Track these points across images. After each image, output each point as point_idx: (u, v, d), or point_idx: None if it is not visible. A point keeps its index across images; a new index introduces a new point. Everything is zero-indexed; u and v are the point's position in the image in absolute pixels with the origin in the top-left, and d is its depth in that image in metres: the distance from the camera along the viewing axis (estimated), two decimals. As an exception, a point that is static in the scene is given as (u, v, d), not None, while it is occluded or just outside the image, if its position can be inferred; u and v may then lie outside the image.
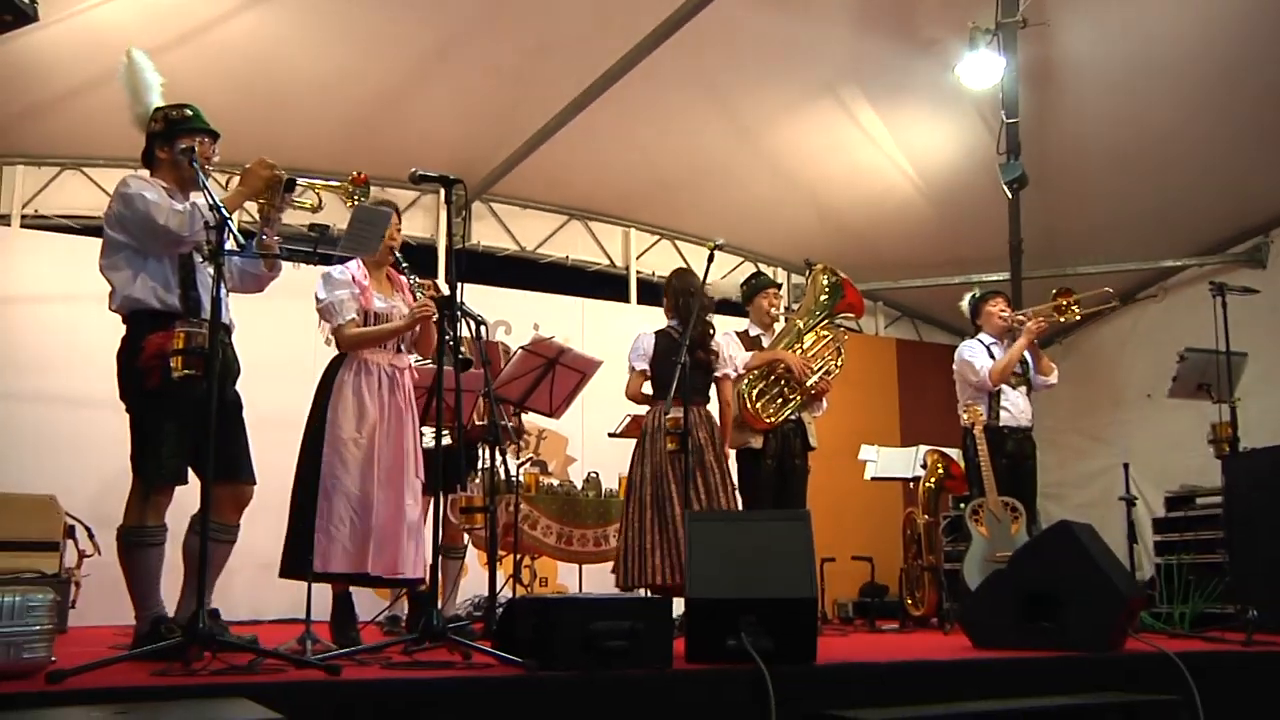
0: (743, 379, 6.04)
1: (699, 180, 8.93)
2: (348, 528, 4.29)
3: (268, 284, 4.32)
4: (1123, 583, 4.45)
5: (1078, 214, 8.80)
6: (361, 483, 4.35)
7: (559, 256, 9.48)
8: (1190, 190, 8.34)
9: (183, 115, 4.05)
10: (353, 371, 4.47)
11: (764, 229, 9.61)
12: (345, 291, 4.52)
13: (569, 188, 9.17)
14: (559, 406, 5.67)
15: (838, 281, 6.34)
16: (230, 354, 4.08)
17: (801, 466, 6.12)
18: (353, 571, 4.31)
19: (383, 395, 4.47)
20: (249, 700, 2.61)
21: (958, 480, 6.84)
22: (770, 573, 3.71)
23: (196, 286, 3.94)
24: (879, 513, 9.08)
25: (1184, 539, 7.42)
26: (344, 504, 4.30)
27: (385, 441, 4.42)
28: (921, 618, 7.04)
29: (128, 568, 3.85)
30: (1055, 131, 8.02)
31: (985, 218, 8.63)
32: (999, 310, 6.69)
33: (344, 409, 4.40)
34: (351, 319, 4.49)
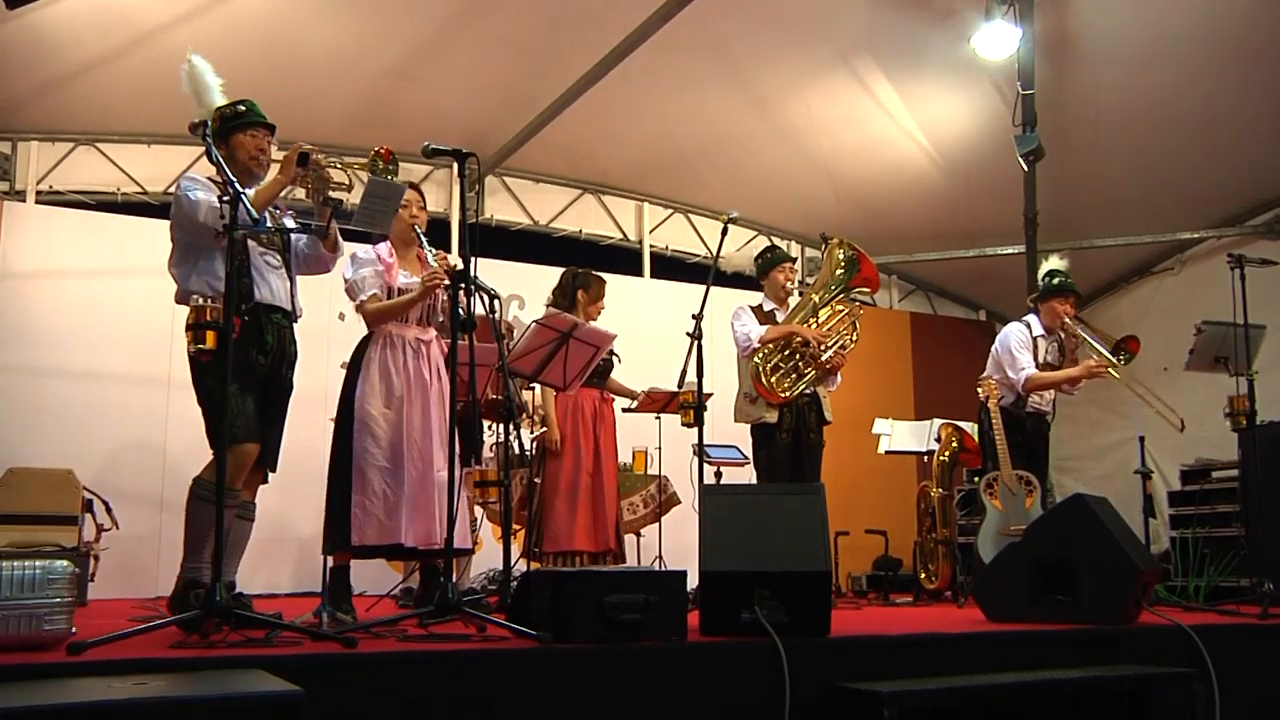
0: (758, 353, 6.03)
1: (712, 153, 8.90)
2: (381, 501, 4.42)
3: (333, 264, 4.44)
4: (1137, 556, 4.44)
5: (1094, 186, 8.75)
6: (392, 455, 4.47)
7: (572, 230, 9.47)
8: (1208, 161, 8.29)
9: (236, 111, 4.16)
10: (380, 347, 4.61)
11: (778, 202, 9.58)
12: (369, 269, 4.65)
13: (582, 161, 9.14)
14: (573, 380, 5.67)
15: (854, 256, 6.31)
16: (287, 337, 4.21)
17: (816, 440, 6.12)
18: (387, 543, 4.43)
19: (409, 368, 4.59)
20: (266, 673, 2.63)
21: (972, 454, 6.83)
22: (784, 546, 3.72)
23: (250, 274, 4.05)
24: (893, 486, 9.09)
25: (1200, 512, 7.41)
26: (377, 478, 4.43)
27: (414, 413, 4.53)
28: (935, 591, 7.05)
29: (187, 518, 3.97)
30: (1072, 103, 7.96)
31: (1000, 190, 8.59)
32: (1064, 310, 6.44)
33: (371, 385, 4.54)
34: (373, 294, 4.62)
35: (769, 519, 3.81)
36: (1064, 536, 4.48)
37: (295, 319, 4.28)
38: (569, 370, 5.63)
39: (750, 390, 6.06)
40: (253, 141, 4.16)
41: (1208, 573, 6.28)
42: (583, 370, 5.67)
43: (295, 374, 4.30)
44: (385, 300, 4.62)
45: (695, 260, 9.92)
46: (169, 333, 6.87)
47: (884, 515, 8.35)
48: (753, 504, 3.91)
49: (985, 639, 4.03)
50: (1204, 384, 7.16)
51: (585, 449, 6.21)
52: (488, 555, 6.67)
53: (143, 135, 7.97)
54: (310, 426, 7.35)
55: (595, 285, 6.33)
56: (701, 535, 3.81)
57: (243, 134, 4.15)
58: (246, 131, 4.15)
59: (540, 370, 5.58)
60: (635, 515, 7.07)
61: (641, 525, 7.20)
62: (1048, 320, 6.51)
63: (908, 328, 10.55)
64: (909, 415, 9.03)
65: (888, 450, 7.96)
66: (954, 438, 7.10)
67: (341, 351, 7.96)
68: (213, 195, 3.90)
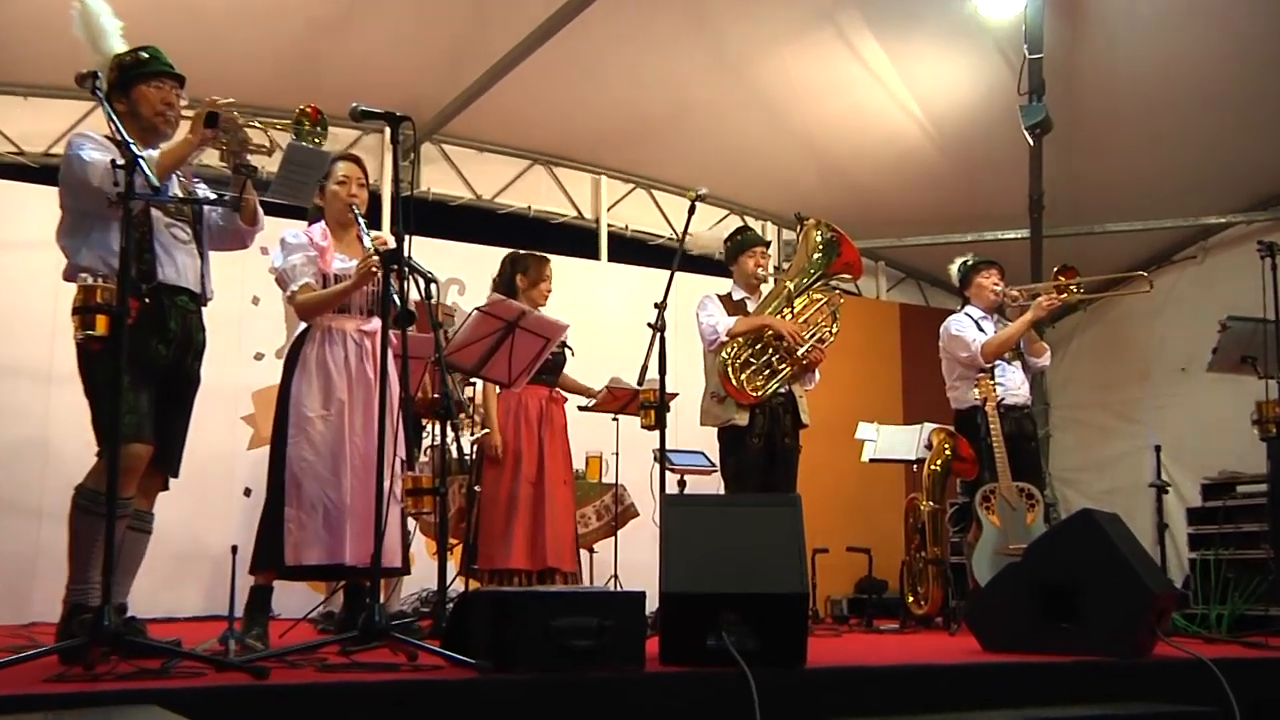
0: (726, 347, 6.04)
1: (679, 122, 8.89)
2: (320, 514, 4.42)
3: (251, 239, 4.41)
4: (1152, 579, 4.48)
5: (1108, 164, 8.82)
6: (333, 463, 4.47)
7: (520, 207, 9.43)
8: (1237, 138, 8.35)
9: (138, 59, 4.08)
10: (317, 343, 4.60)
11: (752, 178, 9.59)
12: (299, 255, 4.62)
13: (532, 128, 9.11)
14: (519, 376, 5.64)
15: (834, 238, 6.34)
16: (194, 323, 4.15)
17: (791, 446, 6.14)
18: (328, 563, 4.44)
19: (350, 365, 4.60)
20: (160, 708, 2.59)
21: (967, 463, 6.87)
22: (755, 565, 3.72)
23: (153, 249, 3.99)
24: (878, 499, 9.13)
25: (1222, 531, 7.46)
26: (315, 488, 4.43)
27: (357, 415, 4.54)
28: (925, 617, 7.09)
29: (70, 533, 3.91)
30: (1085, 70, 8.02)
31: (1003, 168, 8.64)
32: (991, 283, 6.88)
33: (308, 384, 4.54)
34: (305, 283, 4.59)
35: (738, 534, 3.80)
36: (1069, 557, 4.51)
37: (204, 302, 4.23)
38: (515, 364, 5.60)
39: (718, 389, 6.07)
40: (158, 95, 4.08)
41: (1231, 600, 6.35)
42: (530, 364, 5.65)
43: (204, 365, 4.25)
44: (320, 290, 4.60)
45: (658, 242, 9.91)
46: (52, 316, 6.76)
47: (867, 531, 8.37)
48: (720, 517, 3.91)
49: (980, 671, 4.05)
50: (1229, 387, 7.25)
51: (528, 455, 6.18)
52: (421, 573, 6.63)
53: (17, 86, 7.82)
54: (221, 426, 7.35)
55: (534, 266, 6.30)
56: (662, 552, 3.80)
57: (146, 86, 4.08)
58: (150, 83, 4.08)
59: (482, 364, 5.55)
60: (588, 528, 7.06)
61: (595, 540, 7.19)
62: (982, 302, 6.88)
63: (896, 320, 10.61)
64: (896, 419, 9.06)
65: (872, 458, 7.98)
66: (947, 445, 7.14)
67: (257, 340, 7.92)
68: (109, 155, 3.84)
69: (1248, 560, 6.98)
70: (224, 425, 7.42)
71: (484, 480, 6.05)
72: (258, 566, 4.47)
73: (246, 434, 7.63)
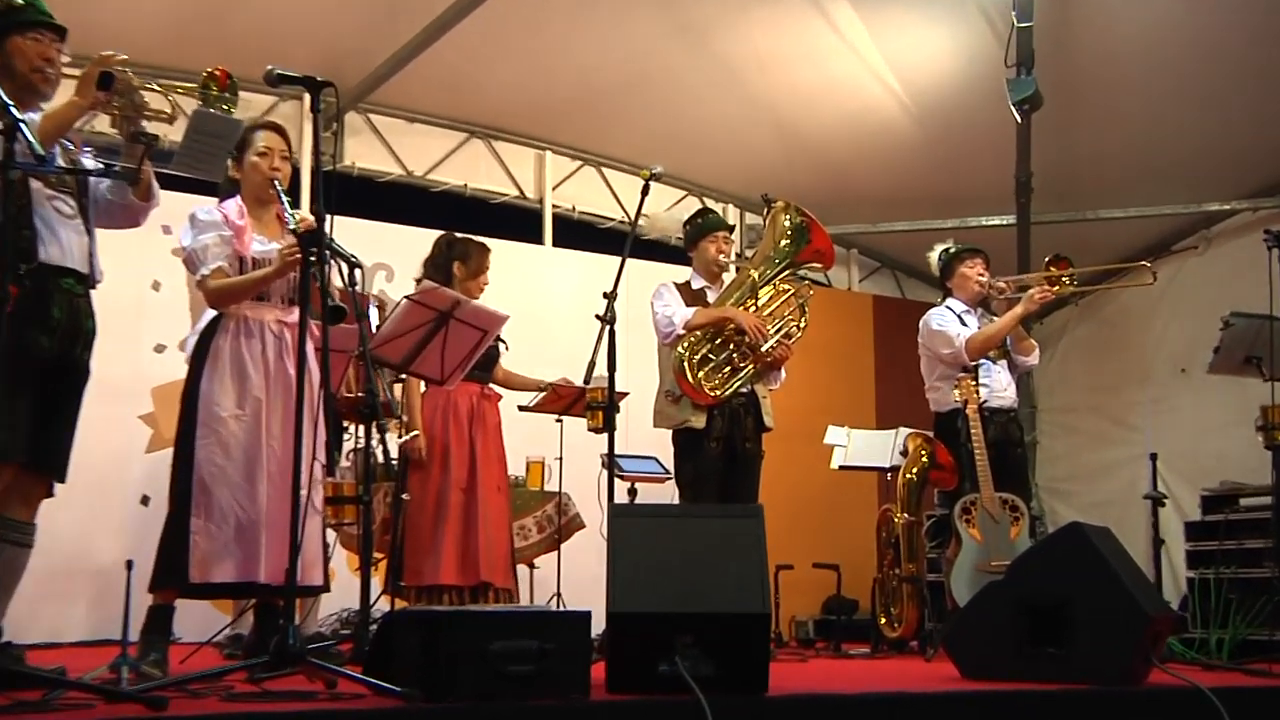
0: (683, 341, 6.05)
1: (634, 93, 8.88)
2: (232, 526, 4.38)
3: (144, 216, 4.34)
4: (1147, 600, 4.53)
5: (1102, 144, 8.89)
6: (247, 469, 4.44)
7: (455, 184, 9.40)
8: (1244, 117, 8.42)
9: (10, 6, 3.99)
10: (230, 334, 4.56)
11: (713, 155, 9.60)
12: (212, 235, 4.57)
13: (469, 97, 9.07)
14: (453, 372, 5.63)
15: (803, 223, 6.36)
16: (82, 308, 4.10)
17: (753, 451, 6.16)
18: (239, 580, 4.40)
19: (268, 360, 4.57)
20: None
21: (946, 471, 6.91)
22: (713, 582, 3.73)
23: (33, 225, 3.92)
24: (848, 510, 9.17)
25: (1223, 548, 7.51)
26: (226, 496, 4.40)
27: (274, 416, 4.51)
28: (898, 640, 7.13)
29: None
30: (1079, 40, 8.07)
31: (988, 147, 8.69)
32: (976, 273, 6.89)
33: (220, 381, 4.49)
34: (218, 267, 4.54)
35: (694, 548, 3.81)
36: (1057, 575, 4.55)
37: (94, 284, 4.17)
38: (448, 359, 5.58)
39: (673, 388, 6.07)
40: (35, 49, 3.97)
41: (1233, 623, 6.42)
42: (466, 359, 5.64)
43: (95, 357, 4.21)
44: (235, 275, 4.55)
45: (609, 225, 9.92)
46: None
47: (836, 545, 8.41)
48: (674, 529, 3.91)
49: (959, 700, 4.07)
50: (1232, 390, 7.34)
51: (458, 457, 6.16)
52: (341, 591, 6.60)
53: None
54: (115, 426, 7.28)
55: (476, 255, 6.29)
56: (609, 568, 3.80)
57: (20, 38, 3.97)
58: (25, 34, 3.97)
59: (412, 359, 5.53)
60: (528, 541, 7.05)
61: (535, 554, 7.18)
62: (965, 294, 6.89)
63: (870, 314, 10.66)
64: (869, 423, 9.11)
65: (842, 465, 8.02)
66: (924, 451, 7.17)
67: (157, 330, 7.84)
68: None
69: (1251, 580, 7.04)
70: (119, 425, 7.33)
71: (410, 486, 6.03)
72: (158, 584, 4.42)
73: (145, 435, 7.55)
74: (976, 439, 6.29)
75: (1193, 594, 7.35)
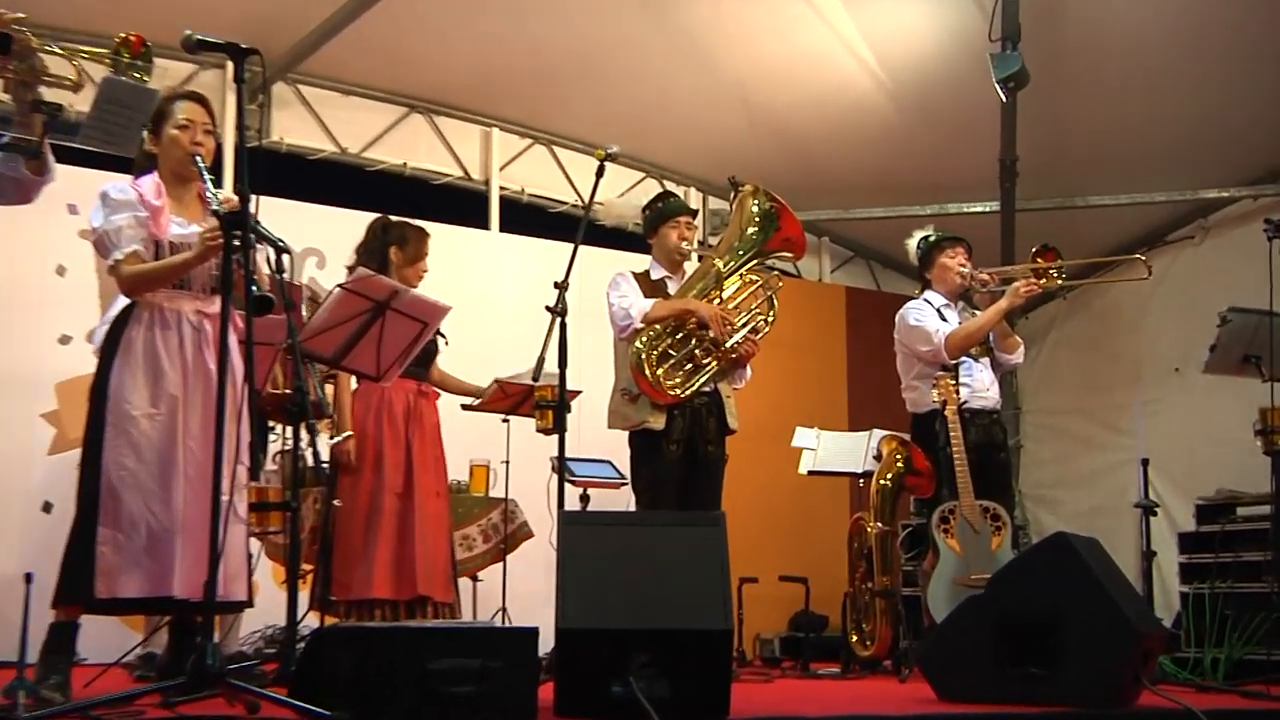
0: (641, 335, 6.04)
1: (588, 65, 8.87)
2: (143, 535, 4.33)
3: (37, 192, 4.30)
4: (1137, 616, 4.55)
5: (1093, 125, 8.95)
6: (161, 472, 4.39)
7: (393, 163, 9.36)
8: (1245, 98, 8.48)
9: None
10: (144, 325, 4.51)
11: (675, 134, 9.61)
12: (126, 215, 4.50)
13: (409, 68, 9.04)
14: (390, 368, 5.60)
15: (772, 209, 6.36)
16: None
17: (716, 454, 6.16)
18: (150, 595, 4.34)
19: (186, 354, 4.51)
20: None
21: (923, 477, 6.94)
22: (671, 596, 3.73)
23: None
24: (817, 519, 9.20)
25: (1219, 561, 7.55)
26: (137, 503, 4.34)
27: (193, 415, 4.46)
28: (871, 659, 7.15)
29: None
30: (1068, 13, 8.11)
31: (970, 127, 8.73)
32: (957, 264, 6.89)
33: (133, 376, 4.44)
34: (133, 251, 4.47)
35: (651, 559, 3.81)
36: (1041, 589, 4.57)
37: None
38: (384, 353, 5.56)
39: (630, 386, 6.07)
40: None
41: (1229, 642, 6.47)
42: (404, 354, 5.62)
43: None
44: (151, 260, 4.49)
45: (561, 209, 9.91)
46: None
47: (805, 557, 8.43)
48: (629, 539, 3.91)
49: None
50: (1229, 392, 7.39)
51: (392, 460, 6.13)
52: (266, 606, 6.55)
53: None
54: (13, 425, 7.20)
55: (414, 240, 6.26)
56: (559, 580, 3.80)
57: None
58: None
59: (345, 353, 5.50)
60: (472, 552, 7.04)
61: (480, 566, 7.18)
62: (945, 286, 6.91)
63: (842, 307, 10.69)
64: (841, 424, 9.14)
65: (811, 470, 8.04)
66: (899, 456, 7.20)
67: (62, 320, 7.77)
68: None
69: (1248, 595, 7.08)
70: (17, 424, 7.24)
71: (341, 492, 5.99)
72: (61, 599, 4.36)
73: (48, 435, 7.45)
74: (956, 442, 6.32)
75: (1186, 610, 7.40)
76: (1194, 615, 7.05)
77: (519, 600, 7.03)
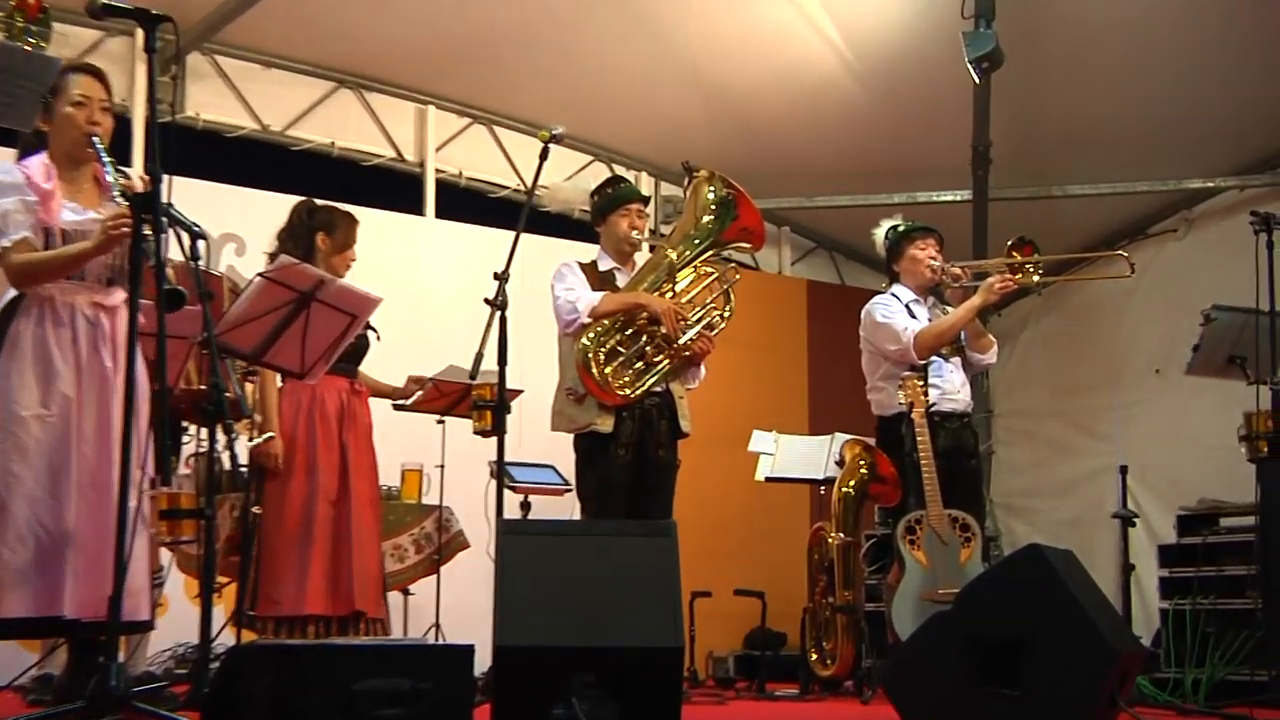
0: (588, 331, 6.03)
1: (531, 39, 8.85)
2: (32, 549, 4.29)
3: None
4: (1114, 634, 4.59)
5: (1071, 110, 9.00)
6: (52, 479, 4.35)
7: (320, 142, 9.33)
8: (1232, 83, 8.54)
9: None
10: (33, 320, 4.47)
11: (624, 115, 9.60)
12: (12, 200, 4.44)
13: (338, 39, 8.99)
14: (315, 364, 5.58)
15: (729, 196, 6.37)
16: None
17: (667, 459, 6.16)
18: (37, 615, 4.30)
19: (80, 351, 4.48)
20: None
21: (888, 484, 6.97)
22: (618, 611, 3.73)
23: None
24: (775, 529, 9.22)
25: (1201, 575, 7.58)
26: (25, 513, 4.31)
27: (86, 417, 4.43)
28: (831, 679, 7.18)
29: None
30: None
31: (941, 110, 8.77)
32: (928, 256, 6.90)
33: (21, 374, 4.40)
34: (22, 238, 4.41)
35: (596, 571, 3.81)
36: (1013, 605, 4.59)
37: None
38: (310, 348, 5.54)
39: (576, 385, 6.06)
40: None
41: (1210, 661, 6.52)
42: (330, 349, 5.59)
43: None
44: (42, 250, 4.44)
45: (501, 194, 9.90)
46: None
47: (761, 569, 8.45)
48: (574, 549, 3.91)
49: (900, 748, 4.12)
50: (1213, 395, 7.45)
51: (326, 465, 6.09)
52: (177, 622, 6.53)
53: None
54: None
55: (342, 226, 6.23)
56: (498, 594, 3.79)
57: None
58: None
59: (267, 347, 5.47)
60: (403, 564, 7.02)
61: (411, 579, 7.15)
62: (915, 280, 6.92)
63: (803, 302, 10.73)
64: (801, 428, 9.16)
65: (769, 476, 8.04)
66: (863, 461, 7.23)
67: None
68: None
69: (1232, 612, 7.12)
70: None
71: (267, 499, 5.95)
72: None
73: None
74: (923, 447, 6.33)
75: (1166, 627, 7.43)
76: (1174, 633, 7.09)
77: (453, 616, 7.02)
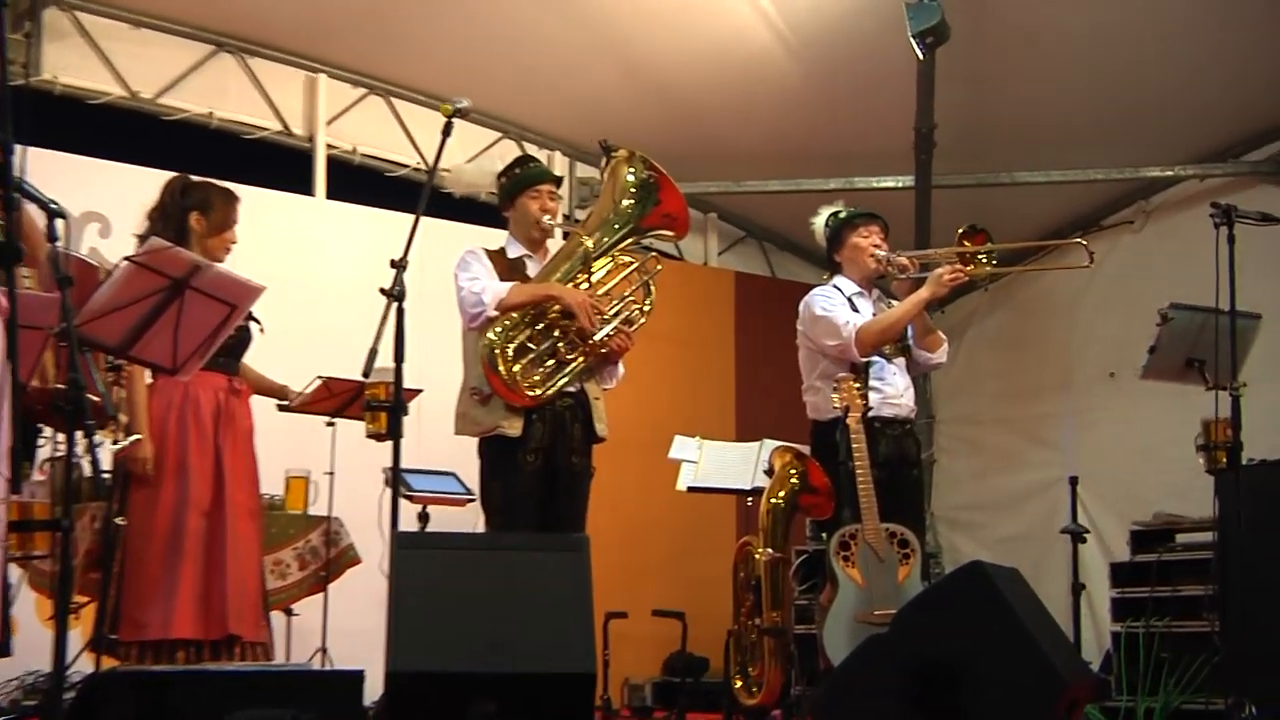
0: (494, 325, 6.02)
1: (434, 1, 8.83)
2: None
3: None
4: (1062, 660, 4.63)
5: (1022, 91, 9.07)
6: None
7: (197, 112, 9.26)
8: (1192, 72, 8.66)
9: None
10: None
11: (537, 88, 9.61)
12: None
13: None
14: (189, 359, 5.53)
15: (651, 179, 6.37)
16: None
17: (581, 467, 6.15)
18: None
19: None
20: None
21: (821, 496, 7.00)
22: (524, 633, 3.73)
23: None
24: (697, 543, 9.24)
25: (1156, 595, 7.68)
26: None
27: None
28: (758, 708, 7.20)
29: None
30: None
31: (882, 89, 8.82)
32: (871, 244, 6.88)
33: None
34: None
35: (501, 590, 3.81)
36: (953, 627, 4.63)
37: None
38: (183, 341, 5.49)
39: (481, 384, 6.05)
40: None
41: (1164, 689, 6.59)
42: (206, 343, 5.54)
43: None
44: None
45: (400, 173, 9.90)
46: None
47: (682, 588, 8.47)
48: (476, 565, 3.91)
49: (831, 784, 4.13)
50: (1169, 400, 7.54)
51: (199, 471, 6.04)
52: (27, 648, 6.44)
53: None
54: None
55: (220, 205, 6.17)
56: (392, 614, 3.78)
57: None
58: None
59: (134, 340, 5.42)
60: (285, 581, 6.99)
61: (295, 598, 7.13)
62: (857, 271, 6.89)
63: (731, 295, 10.77)
64: (727, 433, 9.19)
65: (691, 486, 8.06)
66: (793, 470, 7.25)
67: None
68: None
69: (1187, 634, 7.20)
70: None
71: (132, 508, 5.89)
72: None
73: None
74: (859, 455, 6.33)
75: (1118, 652, 7.52)
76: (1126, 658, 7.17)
77: (342, 638, 7.00)
